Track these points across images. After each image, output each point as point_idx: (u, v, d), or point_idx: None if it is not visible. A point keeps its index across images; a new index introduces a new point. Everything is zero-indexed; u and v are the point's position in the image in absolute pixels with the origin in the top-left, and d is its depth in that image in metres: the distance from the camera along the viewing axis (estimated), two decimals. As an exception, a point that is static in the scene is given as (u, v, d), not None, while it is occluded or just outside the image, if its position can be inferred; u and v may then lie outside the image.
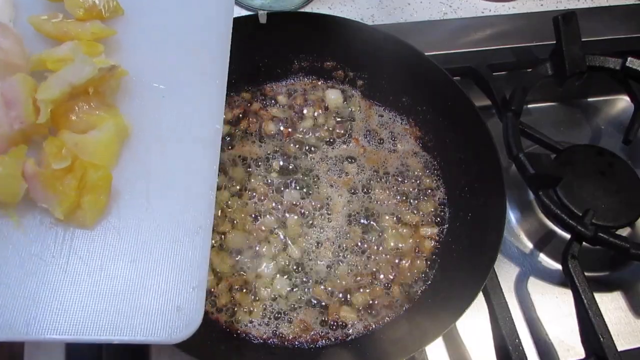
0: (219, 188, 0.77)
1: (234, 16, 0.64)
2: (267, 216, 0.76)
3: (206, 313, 0.68)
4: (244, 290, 0.70)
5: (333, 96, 0.87)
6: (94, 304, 0.48)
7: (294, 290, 0.71)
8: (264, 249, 0.73)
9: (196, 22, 0.64)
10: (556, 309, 0.79)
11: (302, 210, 0.77)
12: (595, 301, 0.71)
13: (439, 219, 0.79)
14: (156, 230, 0.52)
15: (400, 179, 0.81)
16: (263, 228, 0.75)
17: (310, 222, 0.76)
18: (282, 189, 0.78)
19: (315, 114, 0.86)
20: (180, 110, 0.58)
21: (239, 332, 0.68)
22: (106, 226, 0.52)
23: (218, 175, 0.79)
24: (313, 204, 0.77)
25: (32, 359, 0.65)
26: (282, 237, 0.74)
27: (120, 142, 0.55)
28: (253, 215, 0.76)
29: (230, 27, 0.64)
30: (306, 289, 0.71)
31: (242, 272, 0.71)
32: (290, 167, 0.81)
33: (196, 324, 0.48)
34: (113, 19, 0.61)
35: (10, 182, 0.49)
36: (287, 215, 0.76)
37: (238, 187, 0.78)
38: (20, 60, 0.56)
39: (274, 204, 0.77)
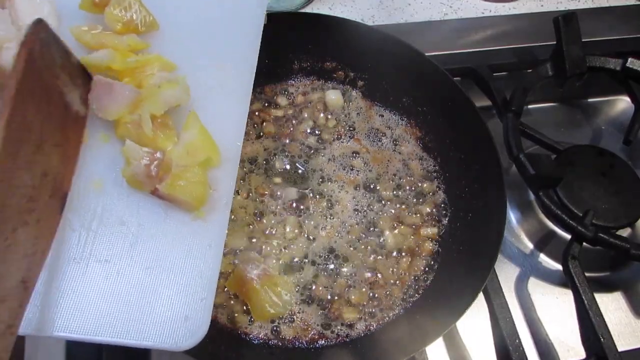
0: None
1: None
2: (267, 216, 0.76)
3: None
4: (246, 290, 0.70)
5: (333, 96, 0.87)
6: (107, 306, 0.50)
7: (294, 290, 0.71)
8: (263, 249, 0.73)
9: (226, 38, 0.67)
10: (556, 309, 0.79)
11: (302, 210, 0.77)
12: (596, 301, 0.71)
13: (439, 219, 0.79)
14: (172, 241, 0.54)
15: (400, 179, 0.81)
16: (263, 228, 0.75)
17: (310, 222, 0.76)
18: (282, 189, 0.78)
19: (316, 114, 0.86)
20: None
21: (238, 332, 0.68)
22: (125, 233, 0.53)
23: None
24: (313, 203, 0.77)
25: (32, 358, 0.65)
26: (281, 237, 0.74)
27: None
28: (253, 215, 0.76)
29: (258, 47, 0.67)
30: (306, 289, 0.71)
31: (247, 271, 0.71)
32: (291, 167, 0.81)
33: (202, 333, 0.50)
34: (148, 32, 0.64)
35: (199, 188, 0.54)
36: (286, 215, 0.76)
37: (238, 187, 0.78)
38: None
39: (273, 204, 0.77)
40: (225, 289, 0.70)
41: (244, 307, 0.69)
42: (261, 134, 0.84)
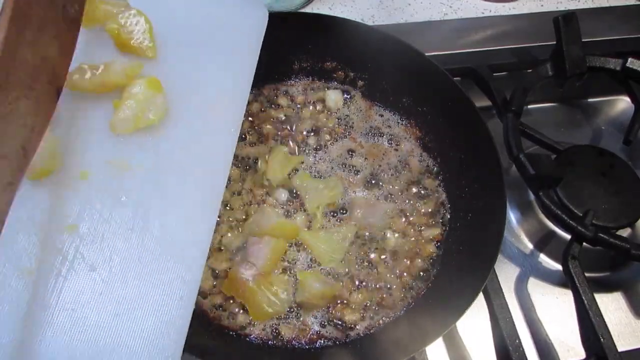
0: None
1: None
2: (266, 216, 0.75)
3: (206, 313, 0.69)
4: (243, 291, 0.70)
5: (333, 97, 0.87)
6: (70, 354, 0.49)
7: (295, 289, 0.71)
8: (263, 249, 0.73)
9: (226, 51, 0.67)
10: (556, 310, 0.79)
11: (302, 210, 0.77)
12: (596, 302, 0.71)
13: (439, 219, 0.79)
14: (143, 290, 0.52)
15: (400, 180, 0.81)
16: (262, 228, 0.75)
17: (311, 221, 0.76)
18: (282, 189, 0.78)
19: (316, 114, 0.86)
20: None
21: (238, 332, 0.68)
22: (95, 279, 0.52)
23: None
24: (313, 203, 0.77)
25: None
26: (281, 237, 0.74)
27: None
28: (250, 215, 0.76)
29: (256, 60, 0.68)
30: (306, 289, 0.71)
31: (241, 272, 0.71)
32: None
33: None
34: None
35: None
36: (286, 215, 0.76)
37: (237, 187, 0.78)
38: None
39: (273, 204, 0.77)
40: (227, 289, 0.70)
41: (243, 308, 0.69)
42: (261, 134, 0.84)
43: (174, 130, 0.60)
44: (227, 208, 0.76)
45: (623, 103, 1.05)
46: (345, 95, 0.88)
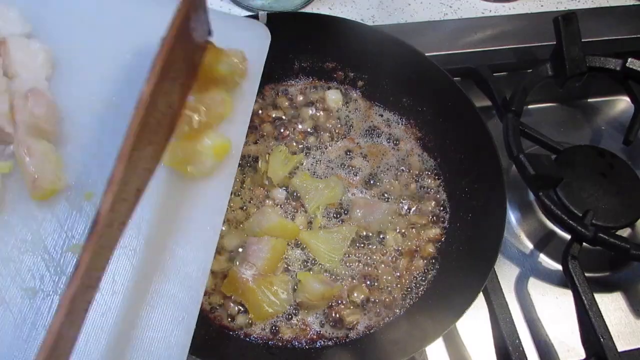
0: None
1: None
2: (266, 216, 0.75)
3: (206, 313, 0.68)
4: (242, 291, 0.70)
5: (333, 97, 0.87)
6: None
7: (294, 290, 0.71)
8: (263, 249, 0.73)
9: None
10: (556, 310, 0.79)
11: (302, 211, 0.77)
12: (596, 302, 0.71)
13: (439, 219, 0.79)
14: (142, 311, 0.53)
15: (400, 180, 0.81)
16: (262, 228, 0.75)
17: (311, 222, 0.76)
18: (280, 189, 0.78)
19: (316, 114, 0.86)
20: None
21: (239, 332, 0.68)
22: (97, 300, 0.52)
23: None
24: (313, 203, 0.77)
25: None
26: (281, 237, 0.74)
27: None
28: (249, 215, 0.76)
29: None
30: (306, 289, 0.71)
31: (241, 272, 0.71)
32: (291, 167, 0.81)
33: None
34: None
35: None
36: (286, 215, 0.76)
37: (237, 187, 0.78)
38: (50, 126, 0.58)
39: (272, 205, 0.77)
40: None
41: (243, 308, 0.69)
42: (261, 134, 0.84)
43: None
44: (227, 208, 0.76)
45: (623, 103, 1.05)
46: (345, 96, 0.88)
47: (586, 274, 0.73)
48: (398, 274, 0.74)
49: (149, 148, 0.48)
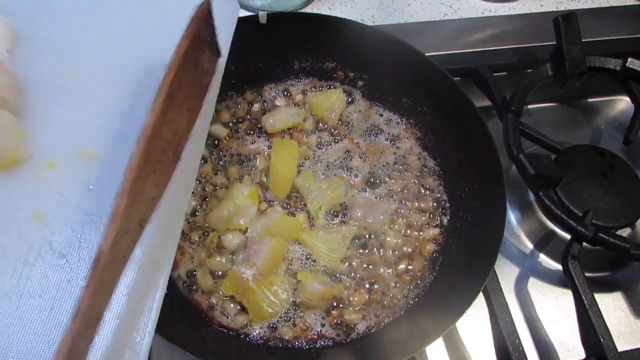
0: (220, 187, 0.77)
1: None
2: (267, 216, 0.75)
3: (206, 312, 0.69)
4: (243, 290, 0.70)
5: (333, 97, 0.87)
6: (39, 346, 0.48)
7: (295, 290, 0.71)
8: (263, 249, 0.73)
9: None
10: (556, 310, 0.79)
11: (304, 210, 0.77)
12: (596, 301, 0.71)
13: (439, 219, 0.79)
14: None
15: (400, 180, 0.81)
16: (263, 228, 0.75)
17: (311, 221, 0.76)
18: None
19: (316, 114, 0.86)
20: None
21: (238, 332, 0.68)
22: (63, 266, 0.52)
23: (217, 174, 0.79)
24: (315, 203, 0.77)
25: None
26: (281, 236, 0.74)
27: None
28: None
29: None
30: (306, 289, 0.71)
31: (241, 272, 0.71)
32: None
33: None
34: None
35: None
36: (285, 215, 0.76)
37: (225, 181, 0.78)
38: (10, 96, 0.57)
39: (271, 204, 0.77)
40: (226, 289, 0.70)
41: (243, 308, 0.69)
42: (261, 134, 0.84)
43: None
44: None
45: (623, 103, 1.05)
46: (345, 95, 0.88)
47: (586, 274, 0.73)
48: (398, 274, 0.74)
49: (153, 177, 0.47)
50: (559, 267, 0.79)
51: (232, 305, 0.69)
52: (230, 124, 0.84)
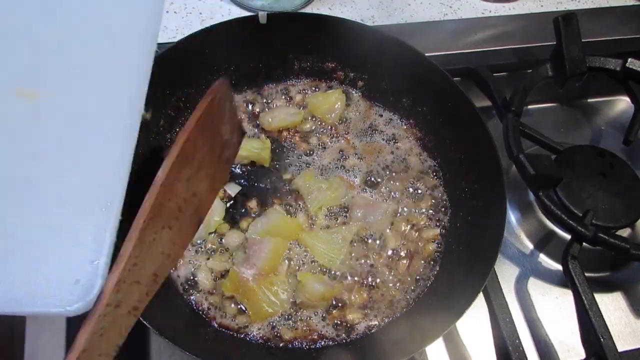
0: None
1: (235, 17, 0.64)
2: (267, 216, 0.75)
3: (206, 312, 0.69)
4: (243, 290, 0.70)
5: (333, 97, 0.87)
6: None
7: (295, 290, 0.71)
8: (263, 249, 0.73)
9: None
10: (556, 310, 0.79)
11: (303, 210, 0.77)
12: (596, 302, 0.71)
13: (439, 219, 0.79)
14: (63, 200, 0.47)
15: (400, 180, 0.81)
16: (263, 228, 0.75)
17: (311, 221, 0.76)
18: (281, 188, 0.78)
19: (315, 114, 0.86)
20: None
21: (239, 332, 0.68)
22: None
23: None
24: (315, 204, 0.77)
25: (33, 336, 0.65)
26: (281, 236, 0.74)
27: None
28: (252, 215, 0.76)
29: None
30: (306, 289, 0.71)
31: (241, 272, 0.71)
32: (291, 166, 0.81)
33: (92, 296, 0.44)
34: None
35: None
36: (285, 215, 0.76)
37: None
38: None
39: (271, 204, 0.77)
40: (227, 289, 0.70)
41: (243, 308, 0.69)
42: (261, 134, 0.84)
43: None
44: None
45: (623, 103, 1.05)
46: (345, 96, 0.88)
47: (586, 274, 0.73)
48: (398, 274, 0.74)
49: (167, 232, 0.48)
50: (559, 267, 0.79)
51: (232, 305, 0.69)
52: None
